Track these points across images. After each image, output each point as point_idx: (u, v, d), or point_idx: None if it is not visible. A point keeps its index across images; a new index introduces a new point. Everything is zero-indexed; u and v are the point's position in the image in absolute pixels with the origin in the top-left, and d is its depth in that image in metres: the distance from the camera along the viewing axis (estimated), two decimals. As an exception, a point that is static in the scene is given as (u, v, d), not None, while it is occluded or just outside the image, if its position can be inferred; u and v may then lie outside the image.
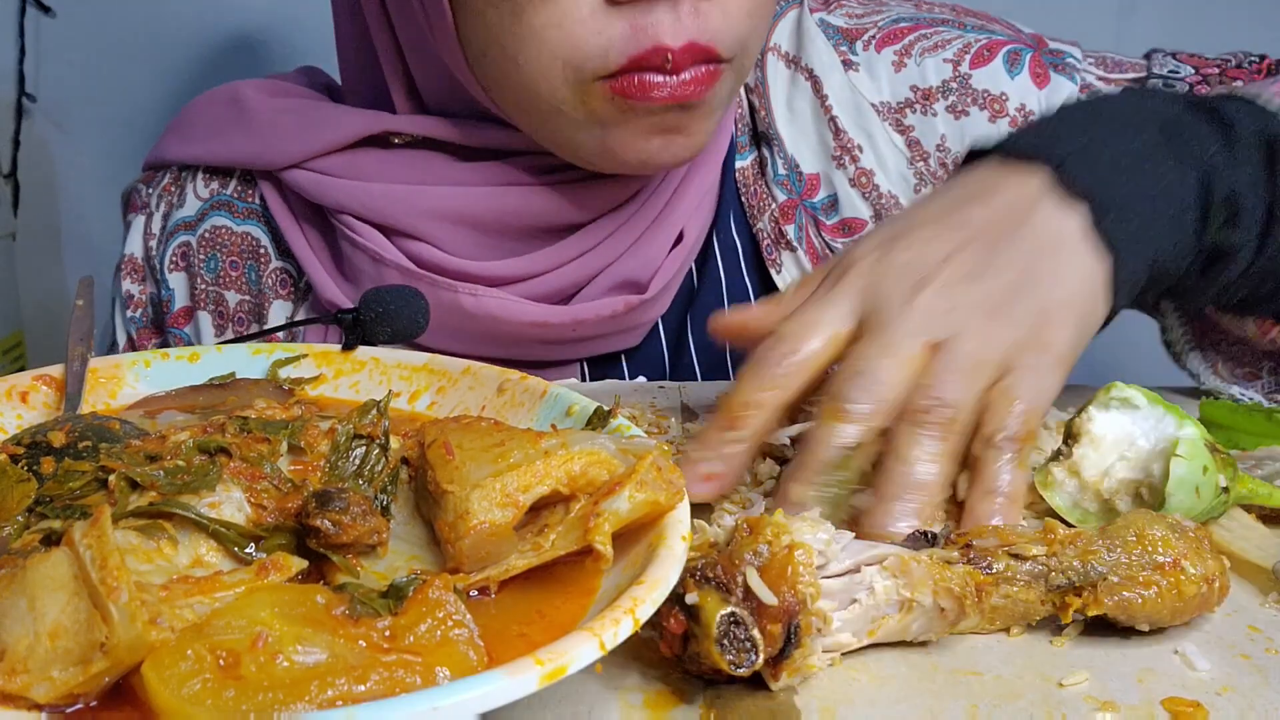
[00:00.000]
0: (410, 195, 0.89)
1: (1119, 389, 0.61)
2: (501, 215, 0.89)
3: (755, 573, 0.45)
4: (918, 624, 0.49)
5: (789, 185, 0.96)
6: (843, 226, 0.95)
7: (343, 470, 0.49)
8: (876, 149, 0.95)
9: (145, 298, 0.99)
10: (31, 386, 0.61)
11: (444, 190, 0.89)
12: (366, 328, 0.68)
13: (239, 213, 0.96)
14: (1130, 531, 0.51)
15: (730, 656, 0.44)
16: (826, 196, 0.96)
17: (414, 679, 0.37)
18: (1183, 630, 0.52)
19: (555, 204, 0.89)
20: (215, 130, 0.97)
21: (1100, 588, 0.50)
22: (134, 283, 0.99)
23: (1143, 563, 0.50)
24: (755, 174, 0.97)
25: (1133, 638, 0.51)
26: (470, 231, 0.89)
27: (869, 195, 0.95)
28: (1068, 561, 0.50)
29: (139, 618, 0.36)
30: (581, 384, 0.91)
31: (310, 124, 0.91)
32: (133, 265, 0.99)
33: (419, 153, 0.90)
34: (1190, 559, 0.50)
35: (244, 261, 0.96)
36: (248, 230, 0.96)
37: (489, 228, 0.89)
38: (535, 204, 0.88)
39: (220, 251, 0.96)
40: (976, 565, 0.50)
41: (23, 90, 1.73)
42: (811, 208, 0.96)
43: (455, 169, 0.89)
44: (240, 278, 0.96)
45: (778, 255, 0.95)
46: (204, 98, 1.00)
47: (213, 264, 0.96)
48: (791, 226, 0.95)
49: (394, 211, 0.89)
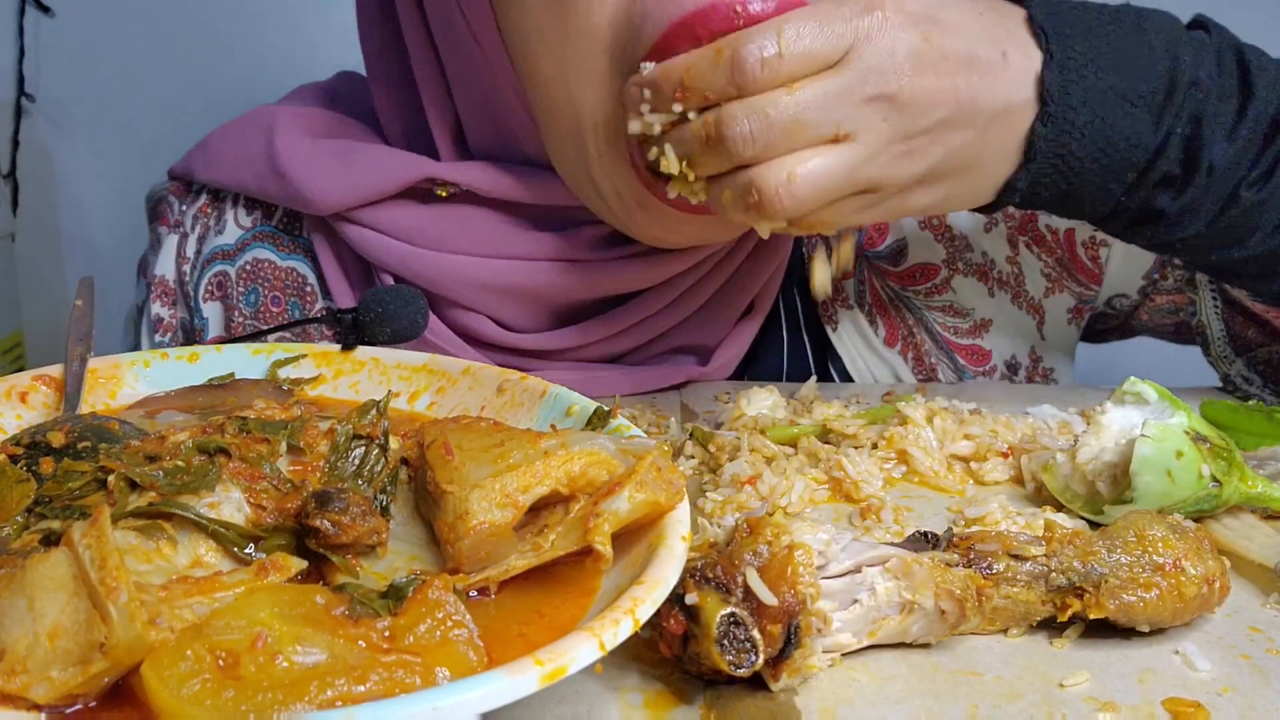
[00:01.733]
0: (460, 267, 0.84)
1: (1132, 383, 0.63)
2: (558, 291, 0.84)
3: (755, 573, 0.45)
4: (918, 626, 0.49)
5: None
6: (914, 274, 0.93)
7: (342, 470, 0.49)
8: None
9: (175, 323, 0.94)
10: (31, 386, 0.61)
11: (498, 265, 0.83)
12: (366, 328, 0.68)
13: (284, 247, 0.92)
14: (1130, 532, 0.51)
15: (730, 657, 0.44)
16: (894, 243, 0.93)
17: (414, 679, 0.37)
18: (1183, 630, 0.52)
19: (614, 278, 0.84)
20: (247, 164, 0.90)
21: (1102, 590, 0.49)
22: (164, 306, 0.94)
23: (1143, 564, 0.50)
24: None
25: (1133, 638, 0.51)
26: (521, 305, 0.85)
27: (941, 237, 0.93)
28: (1068, 562, 0.50)
29: (138, 618, 0.36)
30: (581, 384, 0.91)
31: (349, 171, 0.85)
32: (164, 288, 0.94)
33: (467, 210, 0.84)
34: (1191, 560, 0.50)
35: (287, 297, 0.91)
36: (293, 266, 0.92)
37: (541, 303, 0.85)
38: (593, 279, 0.83)
39: (262, 285, 0.91)
40: (977, 567, 0.50)
41: (22, 90, 1.73)
42: (876, 258, 0.93)
43: (508, 237, 0.84)
44: (282, 314, 0.91)
45: (834, 312, 0.93)
46: (234, 125, 0.93)
47: (252, 297, 0.91)
48: (850, 282, 0.93)
49: (443, 281, 0.83)
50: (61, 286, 1.83)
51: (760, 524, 0.47)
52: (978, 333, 0.94)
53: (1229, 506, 0.61)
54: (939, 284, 0.93)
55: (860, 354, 0.93)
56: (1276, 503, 0.61)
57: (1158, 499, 0.59)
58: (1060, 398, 0.83)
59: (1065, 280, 0.93)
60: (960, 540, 0.52)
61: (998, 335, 0.94)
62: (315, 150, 0.87)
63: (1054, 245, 0.92)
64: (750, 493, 0.64)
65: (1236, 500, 0.61)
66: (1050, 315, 0.94)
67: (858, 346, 0.93)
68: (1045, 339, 0.95)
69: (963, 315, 0.93)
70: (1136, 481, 0.58)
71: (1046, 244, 0.92)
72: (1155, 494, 0.58)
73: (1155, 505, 0.59)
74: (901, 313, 0.93)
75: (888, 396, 0.85)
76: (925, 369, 0.94)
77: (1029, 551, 0.51)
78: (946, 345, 0.94)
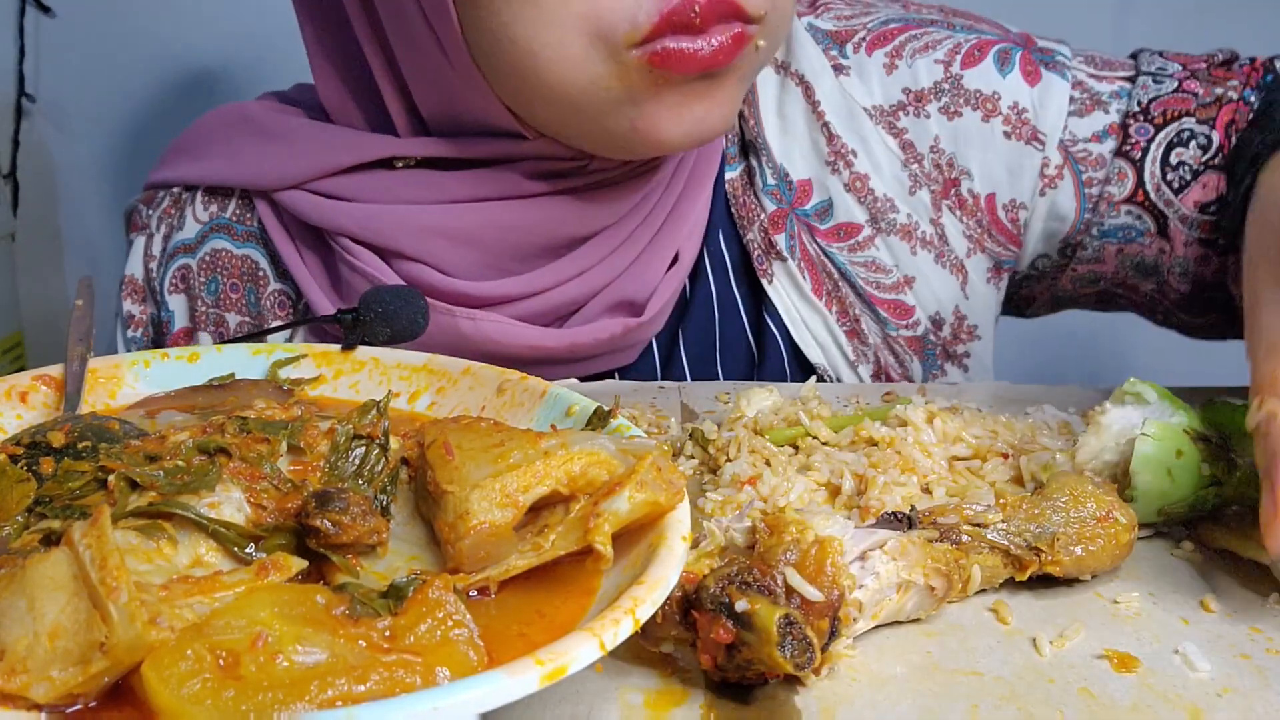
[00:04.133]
0: (407, 215, 0.87)
1: (1132, 384, 0.63)
2: (499, 231, 0.88)
3: (795, 572, 0.46)
4: (912, 603, 0.51)
5: (779, 194, 0.96)
6: (838, 231, 0.96)
7: (342, 470, 0.49)
8: (870, 153, 0.95)
9: (146, 318, 1.00)
10: (31, 386, 0.61)
11: (441, 208, 0.87)
12: (366, 328, 0.68)
13: (238, 235, 0.96)
14: (1064, 493, 0.56)
15: (795, 658, 0.44)
16: (820, 202, 0.96)
17: (414, 679, 0.37)
18: (1183, 630, 0.52)
19: (554, 216, 0.87)
20: (220, 147, 0.95)
21: (1056, 546, 0.54)
22: (135, 303, 0.99)
23: (1083, 518, 0.55)
24: (744, 185, 0.97)
25: (1134, 639, 0.51)
26: (468, 250, 0.88)
27: (864, 199, 0.95)
28: (1023, 525, 0.54)
29: (138, 618, 0.36)
30: (581, 384, 0.91)
31: (319, 146, 0.90)
32: (133, 286, 0.99)
33: (419, 171, 0.89)
34: (1119, 510, 0.56)
35: (244, 284, 0.96)
36: (247, 253, 0.96)
37: (487, 246, 0.88)
38: (533, 217, 0.87)
39: (221, 274, 0.96)
40: (950, 540, 0.53)
41: (22, 90, 1.73)
42: (804, 215, 0.96)
43: (451, 182, 0.88)
44: (240, 300, 0.96)
45: (768, 265, 0.96)
46: (211, 115, 0.99)
47: (213, 286, 0.96)
48: (782, 236, 0.95)
49: (391, 232, 0.87)
50: (61, 286, 1.83)
51: (780, 523, 0.48)
52: (900, 289, 0.97)
53: (1228, 506, 0.61)
54: (860, 241, 0.96)
55: (794, 303, 0.96)
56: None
57: (1157, 498, 0.59)
58: (1060, 398, 0.83)
59: (985, 240, 0.96)
60: (924, 517, 0.54)
61: (922, 291, 0.97)
62: (276, 128, 0.93)
63: (974, 209, 0.95)
64: (750, 492, 0.64)
65: (1235, 500, 0.61)
66: (972, 276, 0.97)
67: (791, 297, 0.96)
68: (969, 298, 0.98)
69: (885, 272, 0.96)
70: (1136, 480, 0.59)
71: (968, 207, 0.95)
72: (1155, 493, 0.59)
73: (1155, 504, 0.59)
74: (826, 267, 0.96)
75: (888, 396, 0.85)
76: (850, 320, 0.96)
77: (988, 519, 0.54)
78: (869, 300, 0.96)
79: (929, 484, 0.66)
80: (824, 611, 0.45)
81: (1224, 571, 0.58)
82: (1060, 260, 0.98)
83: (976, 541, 0.53)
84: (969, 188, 0.95)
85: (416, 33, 0.82)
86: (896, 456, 0.68)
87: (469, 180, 0.88)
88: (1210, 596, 0.55)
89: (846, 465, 0.66)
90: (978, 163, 0.95)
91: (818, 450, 0.69)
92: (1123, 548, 0.56)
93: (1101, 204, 0.93)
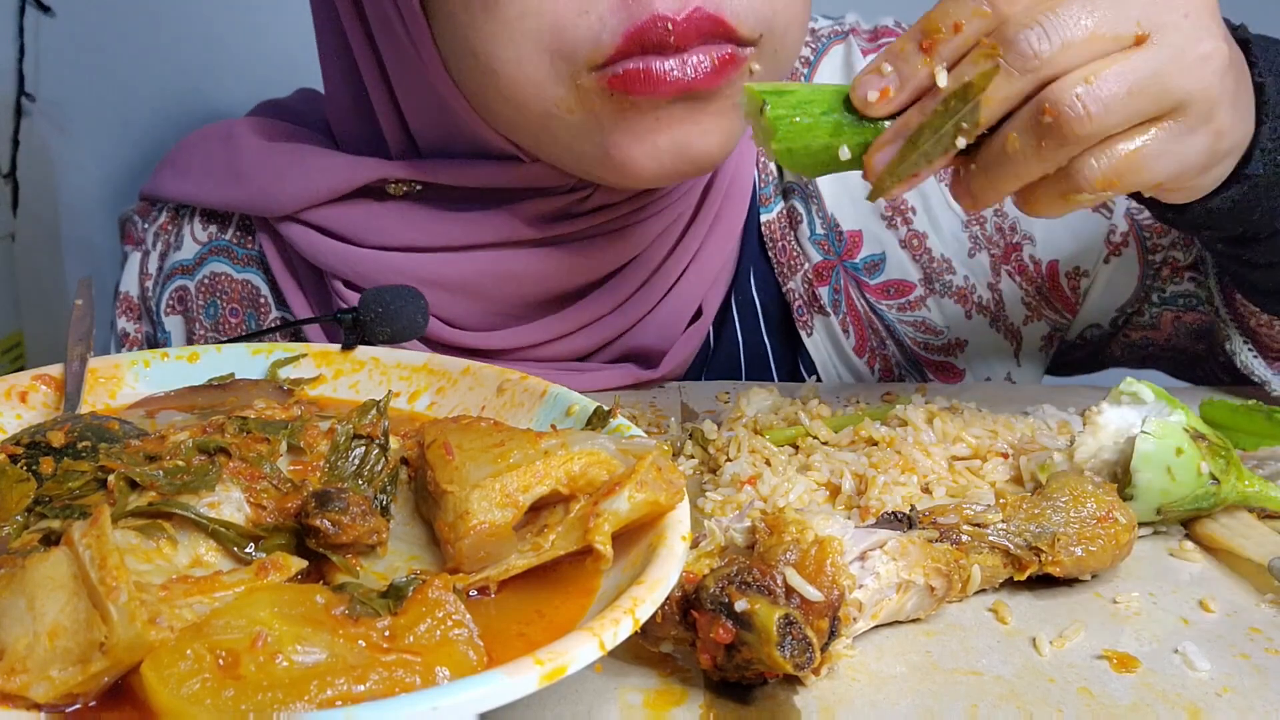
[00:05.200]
0: (405, 266, 0.83)
1: (1129, 384, 0.64)
2: (498, 281, 0.84)
3: (795, 572, 0.46)
4: (912, 603, 0.51)
5: (826, 245, 0.91)
6: (888, 288, 0.92)
7: (342, 470, 0.49)
8: (930, 210, 0.91)
9: (141, 336, 0.97)
10: (31, 386, 0.61)
11: (438, 258, 0.83)
12: (366, 328, 0.68)
13: (239, 259, 0.93)
14: (1064, 493, 0.56)
15: (794, 658, 0.44)
16: (871, 256, 0.92)
17: (414, 679, 0.37)
18: (1183, 630, 0.52)
19: (558, 267, 0.83)
20: (209, 172, 0.92)
21: (1056, 546, 0.54)
22: (130, 321, 0.97)
23: (1083, 518, 0.55)
24: (784, 229, 0.92)
25: (1133, 639, 0.51)
26: (468, 301, 0.85)
27: (919, 258, 0.91)
28: (1023, 526, 0.54)
29: (138, 617, 0.36)
30: (581, 384, 0.91)
31: (304, 172, 0.86)
32: (128, 303, 0.97)
33: (414, 207, 0.84)
34: (1118, 510, 0.56)
35: (244, 309, 0.93)
36: (248, 278, 0.93)
37: (487, 296, 0.84)
38: (534, 265, 0.83)
39: (220, 298, 0.93)
40: (950, 540, 0.53)
41: (22, 90, 1.73)
42: (853, 268, 0.91)
43: (446, 224, 0.83)
44: (240, 325, 0.94)
45: (809, 318, 0.92)
46: (197, 135, 0.95)
47: (212, 310, 0.94)
48: (826, 288, 0.91)
49: (385, 280, 0.82)
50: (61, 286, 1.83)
51: (780, 522, 0.48)
52: (951, 351, 0.94)
53: (1226, 505, 0.61)
54: (912, 300, 0.93)
55: (832, 359, 0.93)
56: (1273, 502, 0.61)
57: (1157, 496, 0.59)
58: (1060, 398, 0.83)
59: (1043, 309, 0.94)
60: (924, 517, 0.54)
61: (973, 356, 0.94)
62: (272, 153, 0.89)
63: (1035, 275, 0.93)
64: (750, 492, 0.64)
65: (1234, 499, 0.61)
66: (1026, 343, 0.95)
67: (829, 352, 0.93)
68: (1020, 365, 0.96)
69: (935, 333, 0.93)
70: (1136, 478, 0.59)
71: (1028, 274, 0.93)
72: (1155, 491, 0.59)
73: (1154, 503, 0.59)
74: (874, 324, 0.93)
75: (887, 397, 0.85)
76: (893, 379, 0.94)
77: (988, 519, 0.54)
78: (916, 359, 0.94)
79: (929, 484, 0.66)
80: (824, 611, 0.45)
81: (1224, 571, 0.58)
82: (1110, 330, 0.95)
83: (976, 541, 0.54)
84: (1030, 253, 0.92)
85: (401, 45, 0.79)
86: (896, 456, 0.68)
87: (462, 223, 0.83)
88: (1210, 596, 0.55)
89: (846, 465, 0.66)
90: (1041, 228, 0.91)
91: (818, 450, 0.69)
92: (1122, 548, 0.56)
93: (1164, 270, 0.91)
